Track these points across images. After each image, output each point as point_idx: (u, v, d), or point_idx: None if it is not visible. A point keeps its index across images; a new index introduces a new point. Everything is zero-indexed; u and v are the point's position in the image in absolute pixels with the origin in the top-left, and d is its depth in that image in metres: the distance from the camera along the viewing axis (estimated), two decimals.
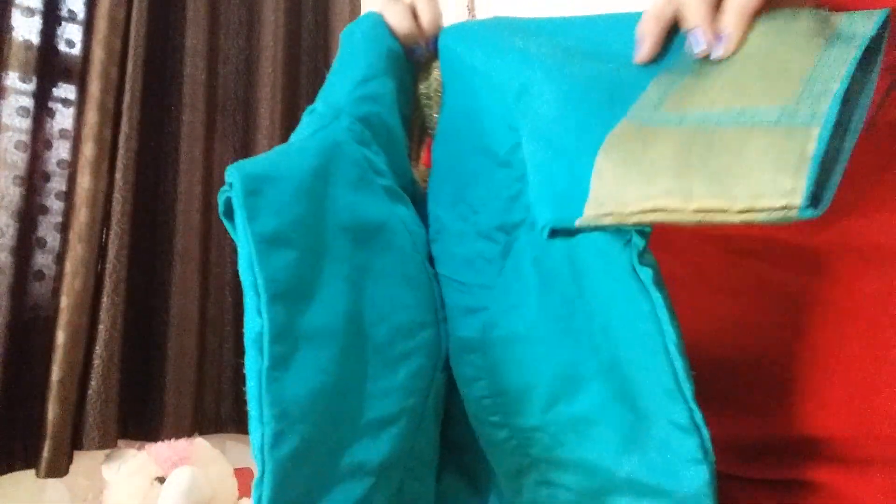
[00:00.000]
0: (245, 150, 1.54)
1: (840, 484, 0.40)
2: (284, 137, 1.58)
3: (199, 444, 1.29)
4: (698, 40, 0.36)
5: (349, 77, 0.49)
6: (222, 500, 1.25)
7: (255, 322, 0.39)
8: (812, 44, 0.33)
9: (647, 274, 0.36)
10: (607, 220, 0.33)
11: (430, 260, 0.51)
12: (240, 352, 1.46)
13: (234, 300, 1.48)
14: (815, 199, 0.28)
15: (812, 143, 0.28)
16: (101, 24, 1.29)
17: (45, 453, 1.16)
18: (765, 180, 0.28)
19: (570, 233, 0.35)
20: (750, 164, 0.29)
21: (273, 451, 0.37)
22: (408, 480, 0.47)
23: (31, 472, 1.18)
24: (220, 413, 1.42)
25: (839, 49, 0.32)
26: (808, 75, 0.31)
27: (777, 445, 0.43)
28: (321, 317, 0.41)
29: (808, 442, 0.41)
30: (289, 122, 1.61)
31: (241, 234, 0.40)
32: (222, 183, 1.58)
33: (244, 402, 1.56)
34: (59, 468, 1.17)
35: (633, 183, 0.32)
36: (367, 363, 0.43)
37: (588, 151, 0.34)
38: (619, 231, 0.36)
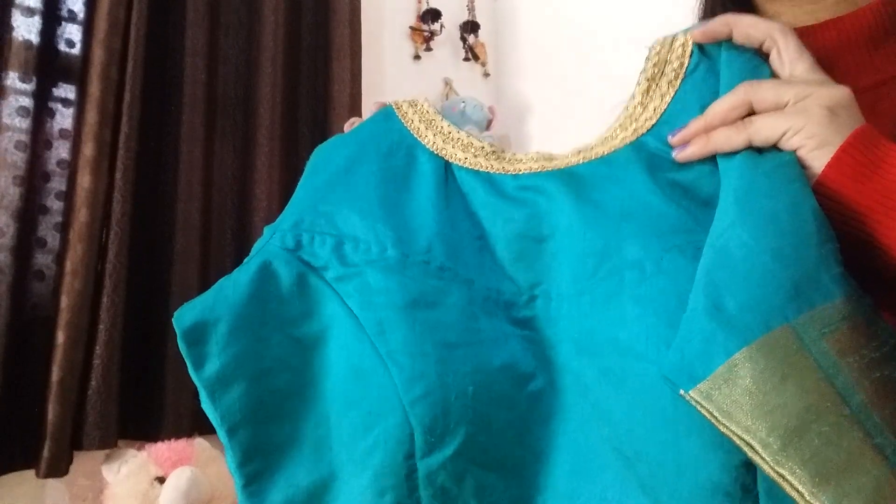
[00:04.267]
0: (245, 150, 1.54)
1: None
2: (284, 137, 1.58)
3: (199, 444, 1.29)
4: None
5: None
6: (222, 500, 1.25)
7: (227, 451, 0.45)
8: None
9: None
10: (704, 412, 0.35)
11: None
12: None
13: None
14: None
15: None
16: (101, 24, 1.29)
17: (45, 453, 1.16)
18: None
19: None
20: None
21: None
22: None
23: (31, 472, 1.18)
24: None
25: None
26: None
27: None
28: (286, 428, 0.46)
29: None
30: (289, 123, 1.61)
31: (194, 380, 0.45)
32: (222, 183, 1.56)
33: None
34: (59, 468, 1.17)
35: (763, 423, 0.34)
36: (341, 464, 0.46)
37: (736, 334, 0.36)
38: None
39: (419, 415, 0.42)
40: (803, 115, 0.42)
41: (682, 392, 0.36)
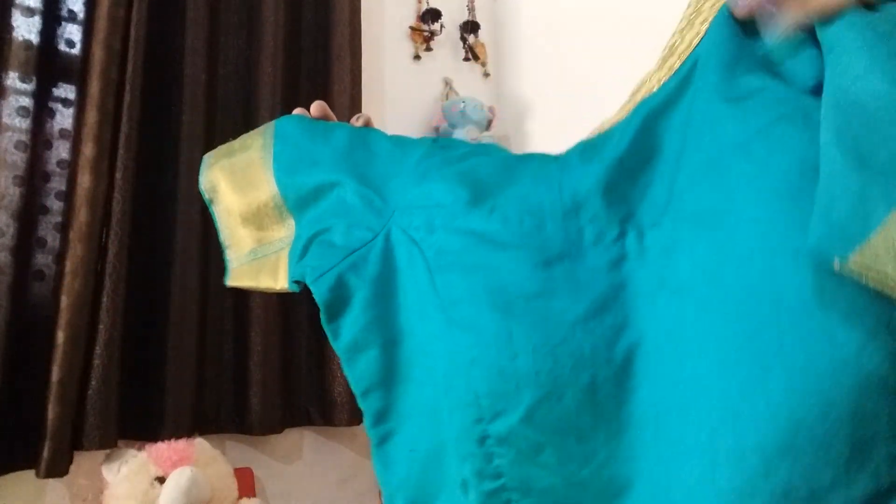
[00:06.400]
0: None
1: None
2: None
3: (199, 444, 1.29)
4: None
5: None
6: (222, 500, 1.25)
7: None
8: None
9: None
10: (873, 280, 0.30)
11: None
12: (239, 352, 1.46)
13: (233, 300, 1.48)
14: None
15: None
16: (101, 24, 1.29)
17: (45, 453, 1.15)
18: None
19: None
20: None
21: None
22: None
23: (31, 472, 1.18)
24: (220, 413, 1.42)
25: None
26: None
27: None
28: (412, 394, 0.48)
29: None
30: None
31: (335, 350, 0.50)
32: None
33: (244, 403, 1.56)
34: (59, 468, 1.17)
35: None
36: (446, 432, 0.45)
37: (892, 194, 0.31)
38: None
39: (475, 377, 0.41)
40: None
41: (837, 264, 0.31)
